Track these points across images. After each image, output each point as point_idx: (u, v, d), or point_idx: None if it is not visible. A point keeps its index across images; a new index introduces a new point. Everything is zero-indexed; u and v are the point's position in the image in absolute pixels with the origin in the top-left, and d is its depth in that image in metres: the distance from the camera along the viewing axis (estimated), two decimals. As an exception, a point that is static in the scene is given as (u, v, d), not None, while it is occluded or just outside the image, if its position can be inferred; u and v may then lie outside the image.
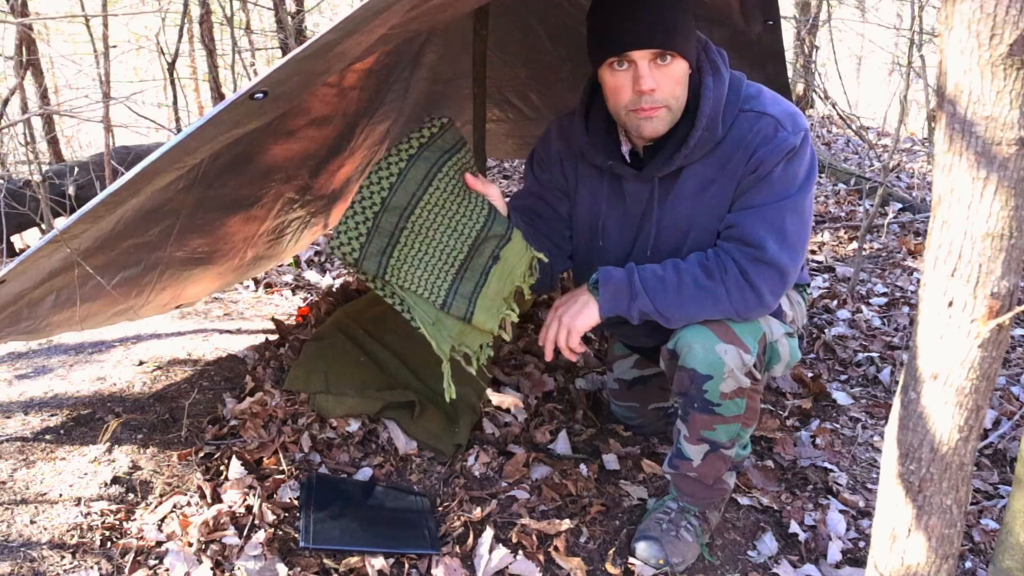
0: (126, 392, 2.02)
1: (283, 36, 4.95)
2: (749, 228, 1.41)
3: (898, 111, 3.31)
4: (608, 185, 1.57)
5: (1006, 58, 0.80)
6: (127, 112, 3.80)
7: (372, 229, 1.40)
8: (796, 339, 1.60)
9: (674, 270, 1.44)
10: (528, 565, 1.49)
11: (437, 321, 1.45)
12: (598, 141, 1.52)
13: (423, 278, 1.44)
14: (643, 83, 1.35)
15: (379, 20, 1.11)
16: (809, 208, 1.46)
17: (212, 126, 1.16)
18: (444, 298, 1.44)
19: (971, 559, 1.63)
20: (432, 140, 1.44)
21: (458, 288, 1.45)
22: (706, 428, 1.49)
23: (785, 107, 1.44)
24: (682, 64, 1.38)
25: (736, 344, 1.43)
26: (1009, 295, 0.88)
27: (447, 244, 1.45)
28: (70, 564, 1.39)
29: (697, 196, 1.47)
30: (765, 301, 1.43)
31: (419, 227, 1.43)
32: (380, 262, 1.41)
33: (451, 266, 1.45)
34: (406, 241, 1.43)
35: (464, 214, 1.46)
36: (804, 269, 1.72)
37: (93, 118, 3.82)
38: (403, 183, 1.41)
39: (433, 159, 1.44)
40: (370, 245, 1.40)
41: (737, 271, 1.41)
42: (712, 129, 1.42)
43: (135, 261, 1.70)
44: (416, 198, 1.42)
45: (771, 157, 1.40)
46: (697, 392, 1.45)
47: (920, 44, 3.85)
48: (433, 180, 1.43)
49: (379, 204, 1.40)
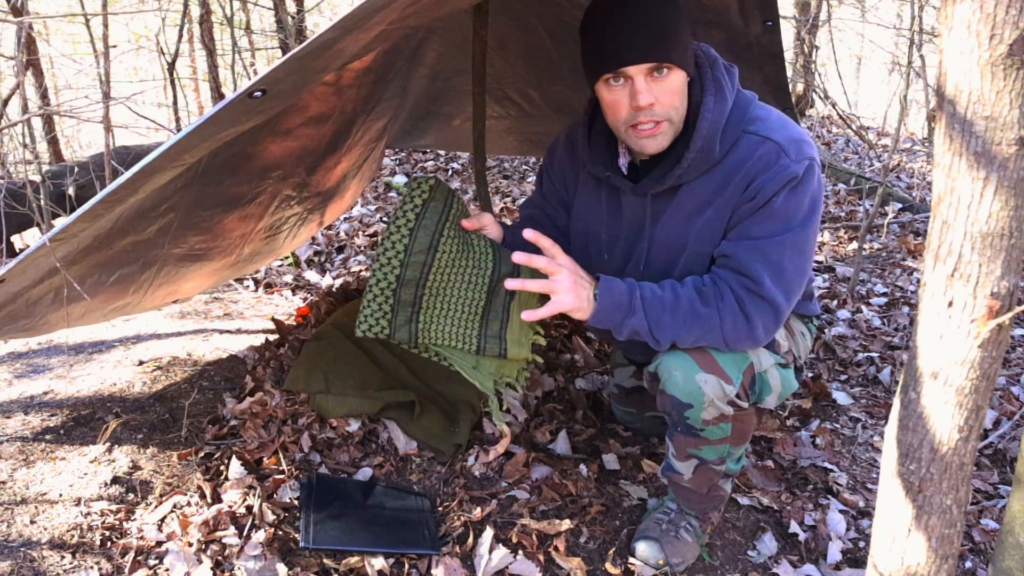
0: (126, 392, 2.02)
1: (283, 36, 4.96)
2: (746, 262, 1.35)
3: (898, 111, 3.31)
4: (606, 197, 1.54)
5: (1006, 58, 0.80)
6: (127, 112, 3.80)
7: (395, 305, 1.50)
8: (791, 370, 1.55)
9: (672, 291, 1.38)
10: (528, 565, 1.49)
11: (477, 365, 1.55)
12: (597, 152, 1.50)
13: (453, 332, 1.52)
14: (640, 99, 1.31)
15: (378, 17, 1.11)
16: (811, 244, 1.39)
17: (211, 125, 1.16)
18: (477, 343, 1.53)
19: (971, 559, 1.63)
20: (426, 205, 1.48)
21: (486, 331, 1.53)
22: (692, 447, 1.48)
23: (791, 133, 1.37)
24: (679, 75, 1.34)
25: (717, 374, 1.38)
26: (1009, 295, 0.88)
27: (466, 296, 1.53)
28: (70, 564, 1.39)
29: (692, 217, 1.42)
30: (757, 335, 1.38)
31: (436, 290, 1.51)
32: (410, 330, 1.51)
33: (475, 314, 1.53)
34: (428, 305, 1.52)
35: (473, 265, 1.52)
36: (814, 301, 1.67)
37: (93, 118, 3.82)
38: (411, 257, 1.48)
39: (432, 226, 1.49)
40: (396, 319, 1.50)
41: (734, 300, 1.36)
42: (708, 150, 1.36)
43: (133, 259, 1.70)
44: (427, 267, 1.49)
45: (770, 185, 1.33)
46: (679, 417, 1.43)
47: (920, 44, 3.85)
48: (438, 246, 1.49)
49: (395, 281, 1.49)
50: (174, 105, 4.42)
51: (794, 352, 1.58)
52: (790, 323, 1.60)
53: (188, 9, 4.40)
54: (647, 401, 1.94)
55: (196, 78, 8.31)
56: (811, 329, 1.67)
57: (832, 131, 6.55)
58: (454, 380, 2.06)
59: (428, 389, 2.03)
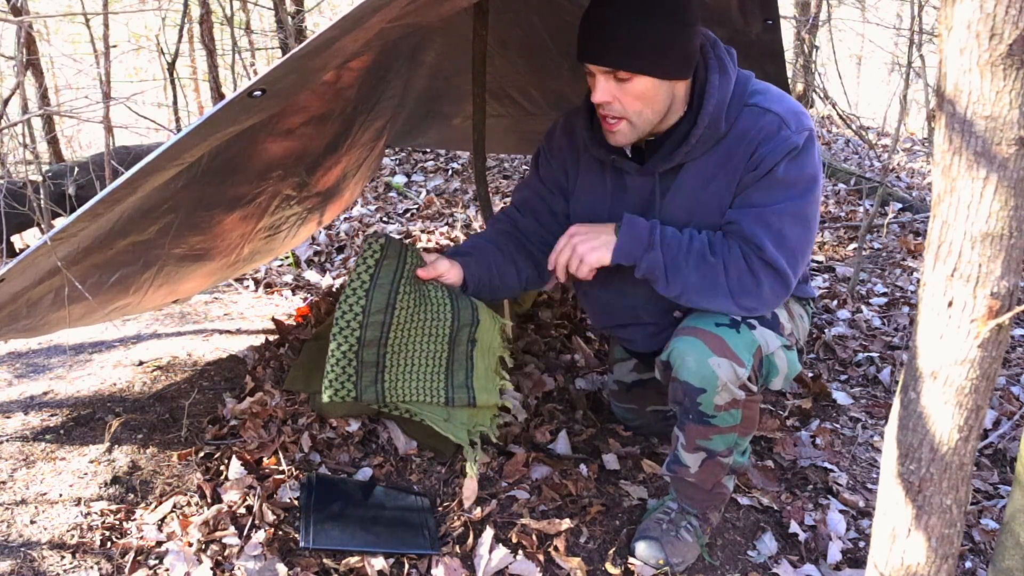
0: (126, 392, 2.02)
1: (283, 36, 4.96)
2: (747, 228, 1.42)
3: (898, 111, 3.31)
4: (611, 179, 1.58)
5: (1006, 58, 0.80)
6: (127, 112, 3.80)
7: (358, 367, 1.49)
8: (795, 352, 1.58)
9: (688, 237, 1.44)
10: (528, 565, 1.49)
11: (449, 417, 1.55)
12: (600, 135, 1.52)
13: (419, 387, 1.53)
14: (594, 95, 1.40)
15: (378, 16, 1.11)
16: (813, 215, 1.45)
17: (211, 124, 1.17)
18: (446, 395, 1.54)
19: (971, 559, 1.63)
20: (379, 265, 1.49)
21: (453, 381, 1.54)
22: (702, 437, 1.49)
23: (790, 105, 1.44)
24: (646, 82, 1.37)
25: (729, 357, 1.40)
26: (1009, 295, 0.88)
27: (428, 349, 1.53)
28: (70, 564, 1.39)
29: (699, 191, 1.47)
30: (763, 294, 1.42)
31: (398, 347, 1.51)
32: (376, 390, 1.51)
33: (439, 366, 1.54)
34: (391, 363, 1.51)
35: (432, 318, 1.52)
36: (809, 283, 1.70)
37: (93, 118, 3.82)
38: (369, 318, 1.47)
39: (388, 284, 1.49)
40: (361, 381, 1.50)
41: (740, 255, 1.41)
42: (715, 126, 1.42)
43: (134, 259, 1.70)
44: (386, 326, 1.49)
45: (772, 155, 1.39)
46: (691, 404, 1.45)
47: (920, 44, 3.85)
48: (396, 303, 1.49)
49: (356, 343, 1.48)
50: (174, 105, 4.42)
51: (796, 334, 1.62)
52: (790, 304, 1.62)
53: (188, 9, 4.40)
54: (648, 396, 1.94)
55: (196, 78, 8.31)
56: (808, 311, 1.70)
57: (832, 131, 6.55)
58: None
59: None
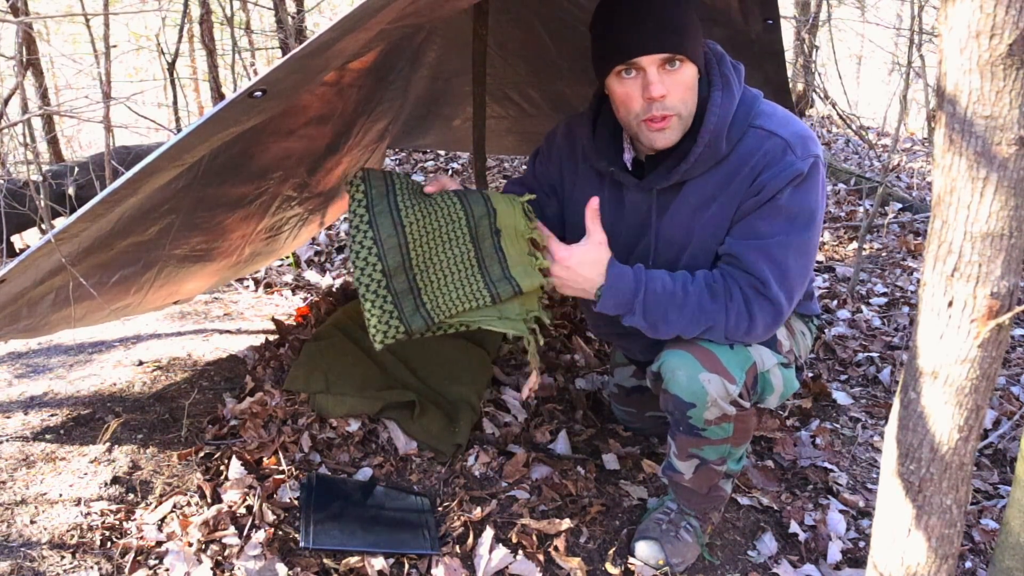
0: (126, 392, 2.02)
1: (283, 36, 4.96)
2: (751, 262, 1.36)
3: (898, 111, 3.31)
4: (608, 191, 1.54)
5: (1006, 58, 0.80)
6: (127, 112, 3.80)
7: (395, 300, 1.43)
8: (792, 370, 1.55)
9: (683, 287, 1.39)
10: (528, 565, 1.49)
11: (501, 315, 1.47)
12: (602, 145, 1.50)
13: (461, 295, 1.45)
14: (653, 89, 1.30)
15: (378, 17, 1.11)
16: (814, 245, 1.40)
17: (211, 125, 1.17)
18: (489, 293, 1.46)
19: (971, 559, 1.63)
20: (368, 196, 1.45)
21: (491, 277, 1.47)
22: (693, 447, 1.48)
23: (797, 129, 1.37)
24: (691, 69, 1.34)
25: (720, 373, 1.38)
26: (1009, 295, 0.88)
27: (454, 254, 1.47)
28: (70, 564, 1.39)
29: (697, 212, 1.43)
30: (756, 332, 1.39)
31: (424, 264, 1.45)
32: (422, 315, 1.44)
33: (472, 266, 1.47)
34: (424, 283, 1.45)
35: (445, 221, 1.46)
36: (814, 301, 1.67)
37: (93, 118, 3.82)
38: (384, 245, 1.42)
39: (386, 207, 1.44)
40: (404, 313, 1.43)
41: (742, 299, 1.37)
42: (715, 146, 1.36)
43: (134, 259, 1.70)
44: (404, 246, 1.43)
45: (775, 182, 1.34)
46: (681, 416, 1.43)
47: (920, 44, 3.85)
48: (402, 220, 1.44)
49: (382, 276, 1.42)
50: (174, 105, 4.42)
51: (795, 352, 1.59)
52: (791, 322, 1.60)
53: (188, 9, 4.40)
54: (647, 401, 1.94)
55: (196, 78, 8.30)
56: (811, 328, 1.67)
57: (832, 131, 6.55)
58: (454, 380, 2.06)
59: (428, 389, 2.03)
